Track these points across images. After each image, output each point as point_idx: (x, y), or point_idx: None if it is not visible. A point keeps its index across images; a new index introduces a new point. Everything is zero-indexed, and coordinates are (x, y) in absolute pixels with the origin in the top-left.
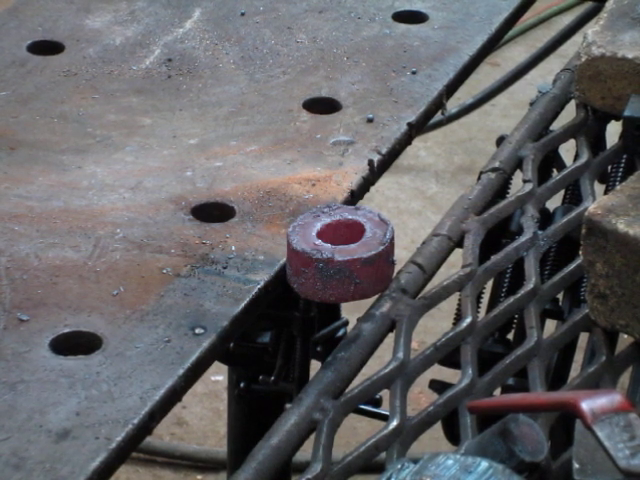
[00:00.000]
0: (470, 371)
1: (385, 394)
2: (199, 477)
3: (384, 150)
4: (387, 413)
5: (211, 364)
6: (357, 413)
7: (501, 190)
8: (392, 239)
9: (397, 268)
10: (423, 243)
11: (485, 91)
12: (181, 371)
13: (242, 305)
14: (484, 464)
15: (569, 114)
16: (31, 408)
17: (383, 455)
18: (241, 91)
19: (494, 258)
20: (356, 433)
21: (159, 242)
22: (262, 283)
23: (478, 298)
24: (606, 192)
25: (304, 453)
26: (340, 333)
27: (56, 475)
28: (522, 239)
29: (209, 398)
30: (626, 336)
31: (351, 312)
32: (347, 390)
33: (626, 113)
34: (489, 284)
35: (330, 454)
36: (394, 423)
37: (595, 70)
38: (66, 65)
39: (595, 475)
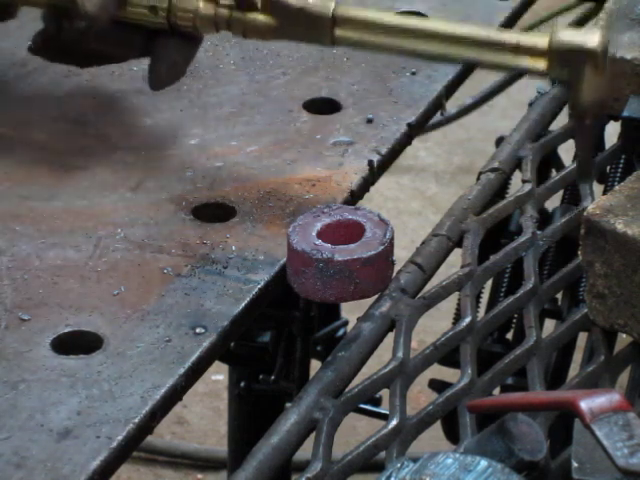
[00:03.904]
0: (469, 370)
1: (385, 393)
2: (200, 476)
3: (384, 150)
4: (387, 412)
5: (212, 364)
6: (357, 412)
7: (500, 190)
8: (392, 239)
9: (397, 268)
10: (422, 243)
11: (484, 92)
12: (182, 370)
13: (242, 305)
14: (483, 463)
15: (568, 115)
16: (32, 407)
17: (383, 454)
18: (241, 91)
19: (493, 258)
20: (356, 432)
21: (160, 242)
22: (262, 283)
23: (477, 298)
24: (605, 192)
25: (304, 452)
26: (340, 333)
27: (57, 474)
28: (521, 239)
29: (210, 397)
30: (625, 336)
31: (351, 312)
32: (347, 389)
33: (625, 114)
34: (488, 284)
35: (330, 453)
36: (394, 422)
37: None
38: (67, 66)
39: (594, 474)
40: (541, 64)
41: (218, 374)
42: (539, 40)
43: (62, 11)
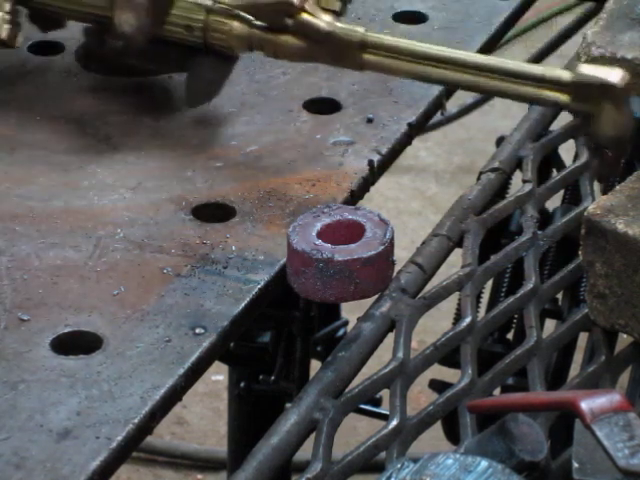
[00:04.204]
0: (470, 371)
1: (385, 393)
2: (199, 476)
3: (384, 150)
4: (387, 412)
5: (211, 364)
6: (357, 413)
7: (501, 190)
8: (392, 239)
9: (397, 268)
10: (423, 243)
11: None
12: (181, 371)
13: (242, 305)
14: (484, 463)
15: (568, 114)
16: (32, 408)
17: (383, 454)
18: (241, 91)
19: (494, 258)
20: (356, 433)
21: (159, 242)
22: (262, 283)
23: (478, 298)
24: (605, 192)
25: (304, 452)
26: (340, 333)
27: (57, 474)
28: (522, 239)
29: (209, 398)
30: (625, 336)
31: (351, 312)
32: (347, 390)
33: None
34: (489, 284)
35: (330, 453)
36: (394, 422)
37: None
38: (67, 65)
39: (594, 474)
40: (564, 97)
41: (218, 374)
42: (563, 73)
43: (104, 27)
